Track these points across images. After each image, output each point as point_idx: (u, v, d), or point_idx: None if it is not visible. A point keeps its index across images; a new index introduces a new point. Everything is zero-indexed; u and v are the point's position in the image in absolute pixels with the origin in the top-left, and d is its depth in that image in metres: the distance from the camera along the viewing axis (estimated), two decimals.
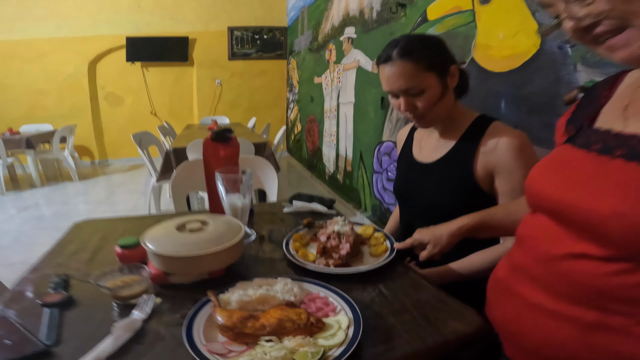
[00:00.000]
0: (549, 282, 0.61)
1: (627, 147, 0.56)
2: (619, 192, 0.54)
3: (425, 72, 1.00)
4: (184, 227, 0.84)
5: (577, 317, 0.57)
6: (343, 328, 0.62)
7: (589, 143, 0.63)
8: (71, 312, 0.70)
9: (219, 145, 1.08)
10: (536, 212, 0.69)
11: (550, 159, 0.70)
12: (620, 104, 0.64)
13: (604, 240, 0.54)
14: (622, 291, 0.53)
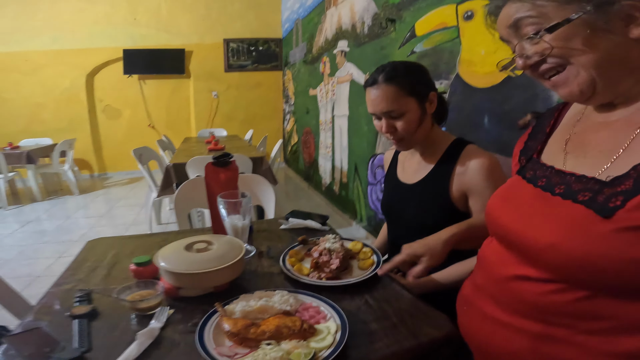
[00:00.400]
0: (502, 299, 0.70)
1: (565, 185, 0.64)
2: (555, 226, 0.62)
3: (407, 97, 1.10)
4: (191, 247, 0.96)
5: (526, 329, 0.65)
6: (332, 333, 0.72)
7: (536, 178, 0.71)
8: (97, 323, 0.81)
9: (220, 169, 1.19)
10: (492, 236, 0.78)
11: (506, 189, 0.78)
12: (563, 137, 0.73)
13: (542, 265, 0.63)
14: (559, 307, 0.61)
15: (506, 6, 0.67)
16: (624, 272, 0.54)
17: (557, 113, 0.79)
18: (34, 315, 0.84)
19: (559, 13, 0.61)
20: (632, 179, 0.56)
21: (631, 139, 0.60)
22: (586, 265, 0.56)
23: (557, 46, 0.62)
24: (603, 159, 0.62)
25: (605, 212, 0.55)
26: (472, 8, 2.00)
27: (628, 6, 0.58)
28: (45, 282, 2.76)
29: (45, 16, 6.01)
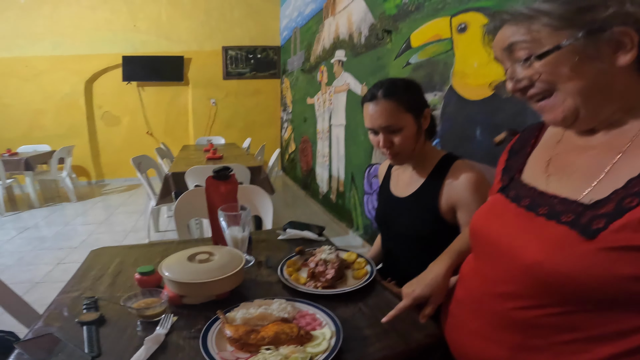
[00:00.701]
0: (481, 314, 0.74)
1: (549, 207, 0.68)
2: (540, 244, 0.65)
3: (404, 113, 1.15)
4: (194, 257, 1.01)
5: (505, 341, 0.69)
6: (327, 339, 0.78)
7: (519, 197, 0.75)
8: (105, 329, 0.86)
9: (220, 182, 1.24)
10: (474, 252, 0.82)
11: (490, 207, 0.82)
12: (543, 158, 0.77)
13: (525, 282, 0.66)
14: (536, 320, 0.65)
15: (503, 28, 0.71)
16: (605, 288, 0.58)
17: (538, 132, 0.84)
18: (43, 322, 0.89)
19: (551, 39, 0.64)
20: (613, 203, 0.59)
21: (612, 163, 0.64)
22: (570, 281, 0.60)
23: (546, 72, 0.65)
24: (585, 182, 0.66)
25: (589, 233, 0.59)
26: (465, 20, 2.05)
27: (619, 32, 0.61)
28: (46, 288, 2.80)
29: (46, 22, 6.06)
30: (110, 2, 6.19)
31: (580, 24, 0.63)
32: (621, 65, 0.62)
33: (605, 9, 0.62)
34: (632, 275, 0.55)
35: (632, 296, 0.57)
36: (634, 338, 0.58)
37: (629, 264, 0.55)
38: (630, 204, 0.57)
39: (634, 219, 0.56)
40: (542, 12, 0.65)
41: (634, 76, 0.64)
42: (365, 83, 3.36)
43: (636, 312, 0.58)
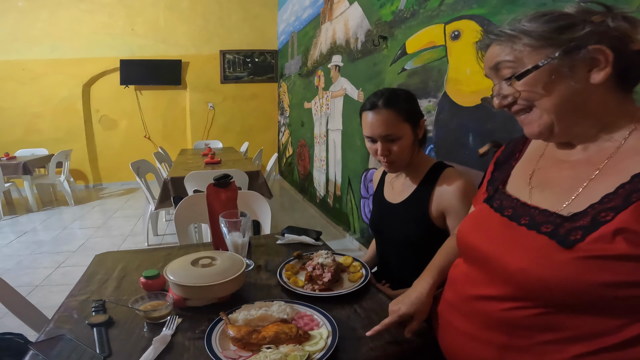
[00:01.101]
0: (470, 315, 0.79)
1: (530, 217, 0.73)
2: (523, 253, 0.70)
3: (403, 122, 1.20)
4: (197, 262, 1.06)
5: (493, 341, 0.74)
6: (324, 338, 0.83)
7: (502, 208, 0.80)
8: (114, 330, 0.90)
9: (220, 190, 1.29)
10: (462, 257, 0.87)
11: (476, 216, 0.88)
12: (527, 171, 0.82)
13: (510, 286, 0.71)
14: (520, 321, 0.70)
15: (491, 47, 0.76)
16: (581, 293, 0.63)
17: (522, 146, 0.89)
18: (54, 324, 0.93)
19: (532, 58, 0.69)
20: (589, 216, 0.65)
21: (589, 179, 0.69)
22: (551, 286, 0.65)
23: (525, 90, 0.71)
24: (564, 195, 0.71)
25: (566, 243, 0.65)
26: (459, 28, 2.10)
27: (594, 50, 0.66)
28: (46, 291, 2.84)
29: (44, 25, 6.07)
30: (108, 6, 6.22)
31: (558, 43, 0.67)
32: (595, 83, 0.67)
33: (582, 28, 0.66)
34: (605, 282, 0.60)
35: (605, 301, 0.62)
36: (607, 338, 0.63)
37: (603, 272, 0.61)
38: (606, 218, 0.63)
39: (608, 231, 0.61)
40: (524, 32, 0.70)
41: (609, 93, 0.69)
42: (362, 89, 3.40)
43: (609, 315, 0.63)
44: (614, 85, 0.69)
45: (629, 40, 0.67)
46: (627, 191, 0.63)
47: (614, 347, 0.63)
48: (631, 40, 0.67)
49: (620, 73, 0.68)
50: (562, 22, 0.68)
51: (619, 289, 0.60)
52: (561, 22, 0.68)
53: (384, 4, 2.93)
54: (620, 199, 0.63)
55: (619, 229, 0.61)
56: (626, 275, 0.60)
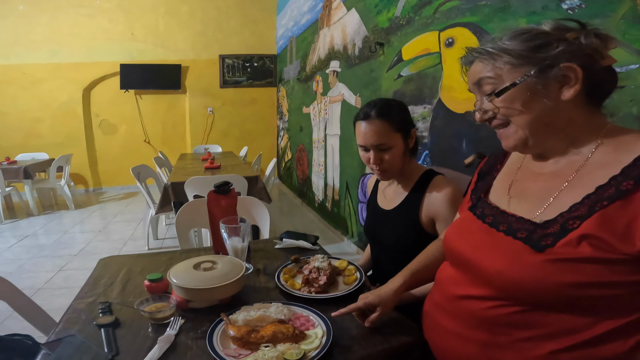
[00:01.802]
0: (455, 314, 0.84)
1: (507, 224, 0.79)
2: (500, 256, 0.76)
3: (395, 133, 1.25)
4: (199, 266, 1.11)
5: (476, 338, 0.79)
6: (319, 337, 0.88)
7: (484, 215, 0.85)
8: (120, 331, 0.95)
9: (221, 196, 1.35)
10: (448, 261, 0.93)
11: (460, 222, 0.94)
12: (506, 182, 0.88)
13: (490, 286, 0.77)
14: (499, 319, 0.76)
15: (474, 64, 0.81)
16: (550, 292, 0.69)
17: (503, 158, 0.95)
18: (63, 325, 0.98)
19: (511, 75, 0.74)
20: (559, 224, 0.71)
21: (560, 190, 0.75)
22: (524, 286, 0.71)
23: (503, 107, 0.76)
24: (538, 204, 0.77)
25: (538, 248, 0.71)
26: (452, 35, 2.15)
27: (565, 68, 0.70)
28: (47, 294, 2.88)
29: (44, 30, 6.12)
30: (108, 11, 6.28)
31: (534, 61, 0.72)
32: (566, 100, 0.72)
33: (556, 46, 0.71)
34: (571, 282, 0.67)
35: (573, 300, 0.68)
36: (578, 335, 0.69)
37: (569, 273, 0.67)
38: (573, 225, 0.69)
39: (575, 237, 0.67)
40: (504, 50, 0.75)
41: (577, 109, 0.74)
42: (359, 94, 3.45)
43: (579, 313, 0.69)
44: (583, 101, 0.74)
45: (599, 56, 0.72)
46: (591, 201, 0.68)
47: (586, 344, 0.68)
48: (601, 57, 0.72)
49: (590, 89, 0.73)
50: (539, 40, 0.73)
51: (583, 289, 0.66)
52: (537, 40, 0.73)
53: (380, 11, 2.99)
54: (585, 208, 0.69)
55: (583, 235, 0.66)
56: (590, 276, 0.66)
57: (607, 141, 0.74)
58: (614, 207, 0.66)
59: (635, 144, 0.69)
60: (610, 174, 0.69)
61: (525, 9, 1.67)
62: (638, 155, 0.67)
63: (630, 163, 0.67)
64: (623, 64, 1.29)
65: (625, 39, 1.28)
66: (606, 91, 0.76)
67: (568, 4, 1.47)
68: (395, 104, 1.30)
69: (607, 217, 0.66)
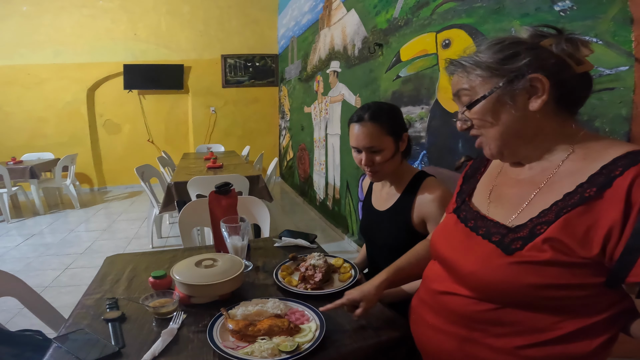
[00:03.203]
0: (437, 310, 0.89)
1: (486, 228, 0.83)
2: (475, 258, 0.80)
3: (386, 136, 1.30)
4: (200, 263, 1.17)
5: (456, 333, 0.84)
6: (312, 331, 0.94)
7: (467, 219, 0.90)
8: (126, 325, 1.01)
9: (221, 197, 1.40)
10: (435, 260, 0.97)
11: (445, 225, 0.98)
12: (487, 187, 0.92)
13: (467, 285, 0.82)
14: (475, 315, 0.80)
15: (454, 76, 0.84)
16: (517, 292, 0.74)
17: (486, 162, 0.99)
18: (73, 320, 1.04)
19: (483, 87, 0.77)
20: (528, 228, 0.75)
21: (532, 196, 0.78)
22: (494, 286, 0.77)
23: (475, 118, 0.80)
24: (512, 210, 0.81)
25: (509, 251, 0.75)
26: (449, 37, 2.18)
27: (532, 79, 0.72)
28: (55, 292, 2.95)
29: (48, 30, 6.17)
30: (110, 12, 6.33)
31: (503, 73, 0.75)
32: (534, 110, 0.74)
33: (523, 57, 0.74)
34: (534, 284, 0.71)
35: (538, 300, 0.73)
36: (546, 334, 0.74)
37: (532, 275, 0.71)
38: (540, 230, 0.73)
39: (539, 241, 0.72)
40: (476, 63, 0.78)
41: (547, 119, 0.77)
42: (359, 95, 3.50)
43: (546, 313, 0.74)
44: (553, 110, 0.76)
45: (574, 62, 0.74)
46: (558, 207, 0.72)
47: (553, 342, 0.73)
48: (577, 63, 0.74)
49: (561, 98, 0.75)
50: (508, 51, 0.75)
51: (547, 290, 0.71)
52: (507, 51, 0.75)
53: (379, 12, 3.02)
54: (553, 214, 0.72)
55: (547, 239, 0.71)
56: (552, 278, 0.70)
57: (578, 149, 0.76)
58: (575, 213, 0.69)
59: (604, 152, 0.71)
60: (577, 182, 0.72)
61: (518, 10, 1.71)
62: (604, 163, 0.69)
63: (596, 171, 0.70)
64: (612, 66, 1.31)
65: (615, 41, 1.30)
66: (578, 98, 0.78)
67: (560, 6, 1.50)
68: (388, 108, 1.35)
69: (569, 222, 0.69)
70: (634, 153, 0.68)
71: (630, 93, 1.27)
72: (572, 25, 1.43)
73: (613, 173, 0.67)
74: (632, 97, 1.26)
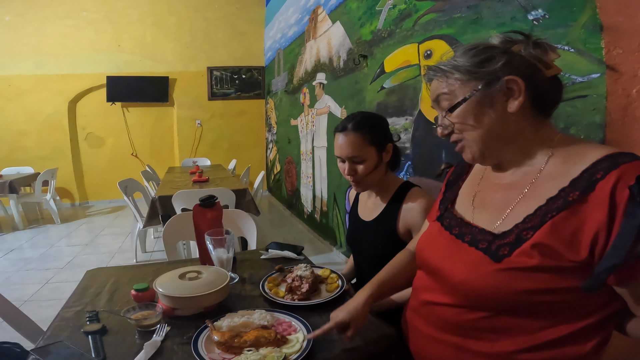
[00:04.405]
0: (430, 320, 0.88)
1: (471, 235, 0.83)
2: (464, 266, 0.80)
3: (369, 146, 1.30)
4: (184, 275, 1.15)
5: (451, 342, 0.84)
6: (300, 342, 0.92)
7: (451, 226, 0.90)
8: (108, 338, 0.98)
9: (206, 210, 1.38)
10: (422, 270, 0.96)
11: (430, 233, 0.98)
12: (470, 193, 0.92)
13: (456, 294, 0.81)
14: (468, 324, 0.80)
15: (433, 81, 0.85)
16: (508, 299, 0.74)
17: (468, 168, 1.00)
18: (51, 332, 1.01)
19: (462, 91, 0.78)
20: (514, 234, 0.75)
21: (515, 202, 0.79)
22: (484, 294, 0.76)
23: (457, 122, 0.80)
24: (497, 216, 0.81)
25: (496, 257, 0.75)
26: (431, 47, 2.22)
27: (508, 81, 0.74)
28: (35, 306, 2.88)
29: (30, 40, 6.08)
30: (94, 22, 6.26)
31: (481, 76, 0.77)
32: (512, 112, 0.76)
33: (498, 60, 0.75)
34: (525, 289, 0.72)
35: (530, 305, 0.73)
36: (538, 337, 0.74)
37: (522, 281, 0.72)
38: (527, 236, 0.73)
39: (527, 246, 0.72)
40: (455, 67, 0.79)
41: (525, 120, 0.78)
42: (345, 106, 3.52)
43: (538, 317, 0.74)
44: (530, 112, 0.78)
45: (543, 66, 0.76)
46: (542, 212, 0.73)
47: (547, 345, 0.73)
48: (547, 67, 0.76)
49: (536, 100, 0.77)
50: (483, 55, 0.77)
51: (538, 295, 0.71)
52: (482, 55, 0.77)
53: (364, 24, 3.07)
54: (537, 219, 0.73)
55: (535, 244, 0.71)
56: (542, 283, 0.70)
57: (557, 152, 0.77)
58: (561, 217, 0.70)
59: (583, 155, 0.73)
60: (559, 186, 0.73)
61: (495, 20, 1.76)
62: (585, 167, 0.71)
63: (577, 175, 0.71)
64: (584, 73, 1.34)
65: (586, 48, 1.33)
66: (552, 101, 0.80)
67: (533, 15, 1.54)
68: (372, 118, 1.35)
69: (556, 226, 0.70)
70: (612, 156, 0.69)
71: (603, 100, 1.29)
72: (545, 34, 1.47)
73: (594, 177, 0.68)
74: (605, 104, 1.29)
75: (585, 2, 1.33)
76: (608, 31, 1.26)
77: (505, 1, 1.70)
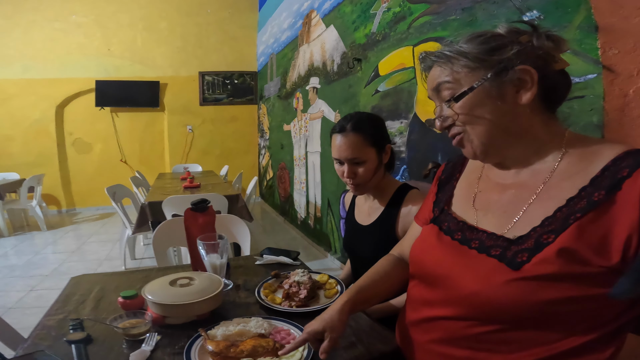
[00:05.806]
0: (434, 334, 0.80)
1: (479, 241, 0.75)
2: (475, 276, 0.72)
3: (369, 147, 1.26)
4: (175, 282, 1.09)
5: (456, 356, 0.75)
6: (300, 350, 0.86)
7: (452, 231, 0.81)
8: (93, 347, 0.91)
9: (198, 214, 1.33)
10: (417, 279, 0.88)
11: (425, 237, 0.89)
12: (469, 193, 0.85)
13: (464, 306, 0.73)
14: (479, 337, 0.72)
15: (432, 69, 0.79)
16: (527, 310, 0.67)
17: (461, 166, 0.93)
18: (32, 341, 0.94)
19: (468, 79, 0.72)
20: (532, 239, 0.68)
21: (528, 203, 0.72)
22: (501, 306, 0.69)
23: (462, 113, 0.74)
24: (506, 219, 0.75)
25: (514, 265, 0.68)
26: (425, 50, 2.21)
27: (520, 71, 0.69)
28: (19, 313, 2.80)
29: (17, 44, 5.97)
30: (83, 26, 6.17)
31: (490, 64, 0.71)
32: (523, 104, 0.70)
33: (510, 49, 0.70)
34: (548, 299, 0.65)
35: (550, 316, 0.67)
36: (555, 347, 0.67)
37: (545, 290, 0.65)
38: (548, 240, 0.67)
39: (551, 252, 0.65)
40: (461, 53, 0.73)
41: (535, 114, 0.73)
42: (339, 111, 3.49)
43: (555, 328, 0.68)
44: (539, 106, 0.73)
45: (552, 59, 0.71)
46: (564, 214, 0.67)
47: (565, 355, 0.67)
48: (554, 60, 0.71)
49: (545, 93, 0.72)
50: (494, 43, 0.72)
51: (557, 306, 0.65)
52: (492, 43, 0.72)
53: (357, 27, 3.05)
54: (559, 222, 0.67)
55: (561, 249, 0.65)
56: (564, 292, 0.64)
57: (571, 150, 0.72)
58: (587, 219, 0.64)
59: (599, 152, 0.68)
60: (578, 185, 0.68)
61: (490, 22, 1.74)
62: (605, 164, 0.66)
63: (598, 173, 0.66)
64: (581, 74, 1.32)
65: (582, 49, 1.31)
66: (561, 95, 0.75)
67: (528, 16, 1.53)
68: (371, 118, 1.31)
69: (582, 229, 0.64)
70: (632, 153, 0.65)
71: (600, 100, 1.28)
72: None
73: (619, 174, 0.64)
74: (603, 104, 1.27)
75: (580, 3, 1.32)
76: (603, 32, 1.25)
77: (499, 3, 1.69)
